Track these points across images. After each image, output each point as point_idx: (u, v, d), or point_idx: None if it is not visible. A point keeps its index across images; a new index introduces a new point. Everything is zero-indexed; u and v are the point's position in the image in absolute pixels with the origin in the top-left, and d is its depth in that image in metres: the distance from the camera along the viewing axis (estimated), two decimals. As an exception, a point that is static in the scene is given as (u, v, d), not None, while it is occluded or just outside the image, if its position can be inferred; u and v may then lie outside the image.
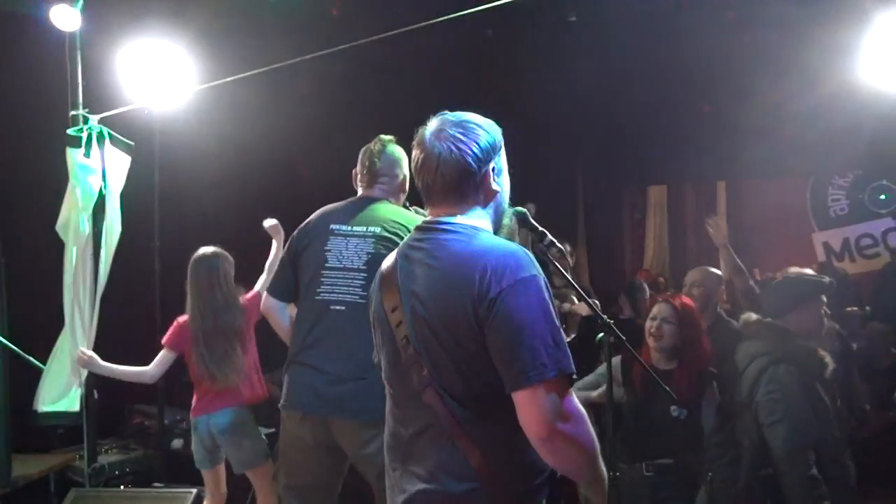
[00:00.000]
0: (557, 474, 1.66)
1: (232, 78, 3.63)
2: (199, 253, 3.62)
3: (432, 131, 1.71)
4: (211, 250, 3.63)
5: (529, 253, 1.63)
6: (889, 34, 3.78)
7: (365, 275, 2.68)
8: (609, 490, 1.71)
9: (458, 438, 1.60)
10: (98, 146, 3.64)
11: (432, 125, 1.72)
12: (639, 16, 5.70)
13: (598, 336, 2.36)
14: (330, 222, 2.82)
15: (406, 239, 1.79)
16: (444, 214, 1.71)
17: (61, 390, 3.62)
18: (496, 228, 1.77)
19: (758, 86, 6.49)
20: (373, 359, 2.49)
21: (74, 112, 3.67)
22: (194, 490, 3.61)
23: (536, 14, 5.94)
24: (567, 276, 2.11)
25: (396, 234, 2.71)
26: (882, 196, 8.81)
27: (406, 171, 2.93)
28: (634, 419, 3.18)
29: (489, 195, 1.72)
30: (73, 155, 3.58)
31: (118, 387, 3.77)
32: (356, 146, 2.96)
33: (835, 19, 4.86)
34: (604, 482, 1.66)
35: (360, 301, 2.66)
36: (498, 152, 1.74)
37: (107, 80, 3.84)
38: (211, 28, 4.62)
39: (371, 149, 2.90)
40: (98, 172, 3.65)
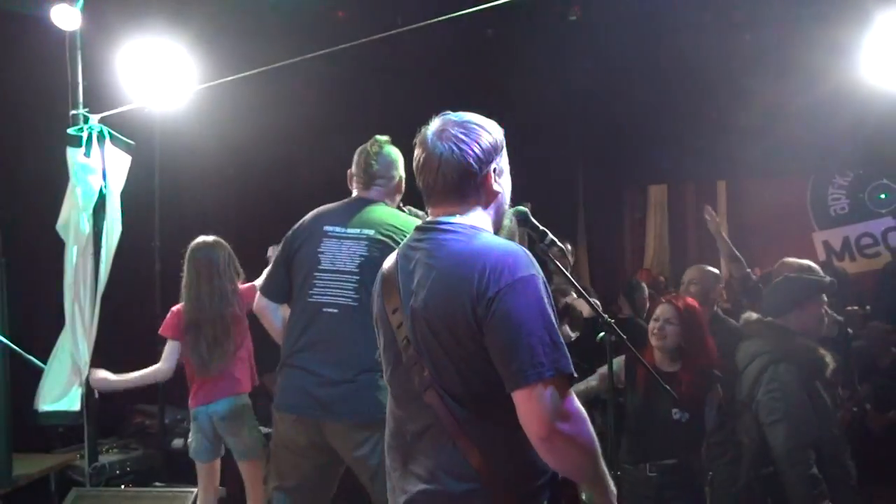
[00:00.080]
0: (559, 476, 1.65)
1: (232, 77, 3.62)
2: (197, 241, 3.64)
3: (434, 131, 1.70)
4: (209, 239, 3.65)
5: (529, 253, 1.63)
6: (889, 34, 3.78)
7: (357, 278, 2.66)
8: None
9: (459, 439, 1.60)
10: (98, 146, 3.63)
11: (434, 125, 1.72)
12: (639, 15, 5.70)
13: (600, 335, 2.36)
14: (324, 224, 2.79)
15: (406, 239, 1.79)
16: (445, 214, 1.71)
17: (62, 390, 3.61)
18: (497, 229, 1.77)
19: (758, 85, 6.49)
20: (376, 358, 2.49)
21: (75, 111, 3.66)
22: (195, 489, 3.60)
23: (537, 14, 5.94)
24: (568, 276, 2.10)
25: (390, 238, 2.69)
26: (882, 195, 8.80)
27: (402, 172, 2.91)
28: (638, 420, 3.18)
29: (490, 196, 1.72)
30: (74, 154, 3.58)
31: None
32: (356, 146, 2.94)
33: (835, 19, 4.87)
34: (606, 482, 1.65)
35: (353, 304, 2.65)
36: (500, 153, 1.74)
37: (107, 80, 3.84)
38: (211, 27, 4.63)
39: (367, 150, 2.87)
40: (98, 172, 3.64)
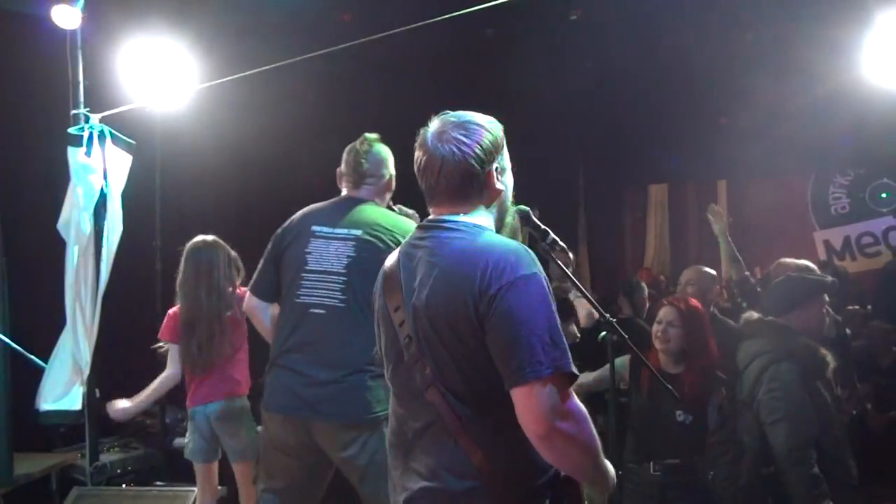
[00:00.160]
0: (562, 475, 1.65)
1: (233, 77, 3.63)
2: (196, 240, 3.64)
3: (434, 132, 1.69)
4: (209, 238, 3.65)
5: (531, 251, 1.63)
6: (890, 33, 3.78)
7: (345, 278, 2.65)
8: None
9: (460, 437, 1.59)
10: (99, 145, 3.63)
11: (434, 126, 1.71)
12: (639, 15, 5.70)
13: (601, 334, 2.36)
14: (312, 223, 2.77)
15: (408, 237, 1.79)
16: (447, 214, 1.70)
17: (63, 389, 3.61)
18: (499, 227, 1.77)
19: (759, 85, 6.50)
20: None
21: (75, 111, 3.66)
22: (196, 489, 3.60)
23: (537, 13, 5.94)
24: (570, 275, 2.10)
25: (378, 238, 2.67)
26: (883, 195, 8.81)
27: (392, 171, 2.89)
28: (642, 421, 3.18)
29: (493, 194, 1.72)
30: (74, 154, 3.57)
31: (120, 385, 3.77)
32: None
33: (835, 19, 4.87)
34: (607, 481, 1.65)
35: (340, 305, 2.64)
36: (501, 151, 1.73)
37: (108, 79, 3.84)
38: (212, 27, 4.63)
39: (357, 148, 2.84)
40: (99, 171, 3.64)
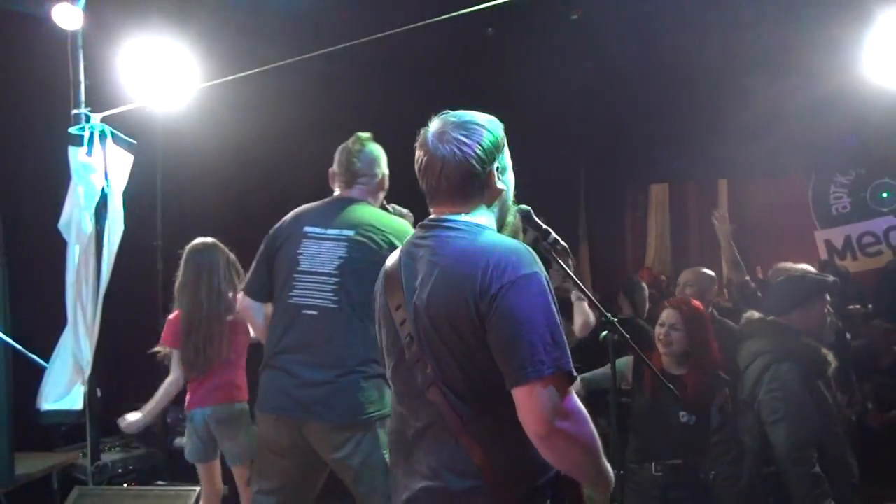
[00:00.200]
0: (561, 474, 1.65)
1: (235, 76, 3.62)
2: (196, 242, 3.65)
3: (434, 133, 1.69)
4: (208, 240, 3.65)
5: (532, 251, 1.63)
6: (891, 32, 3.78)
7: (336, 279, 2.64)
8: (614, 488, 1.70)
9: (462, 436, 1.59)
10: (100, 145, 3.64)
11: (434, 126, 1.70)
12: (640, 15, 5.70)
13: (603, 334, 2.36)
14: (304, 224, 2.76)
15: (410, 236, 1.79)
16: (449, 213, 1.70)
17: (64, 388, 3.61)
18: (500, 226, 1.77)
19: (759, 84, 6.49)
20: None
21: (76, 110, 3.65)
22: (197, 488, 3.60)
23: (537, 13, 5.93)
24: (571, 274, 2.10)
25: (369, 239, 2.66)
26: (884, 194, 8.80)
27: (385, 170, 2.88)
28: (645, 421, 3.19)
29: (494, 194, 1.72)
30: (75, 153, 3.57)
31: (121, 385, 3.77)
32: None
33: (837, 17, 4.86)
34: (607, 481, 1.65)
35: (332, 306, 2.64)
36: (501, 150, 1.73)
37: (109, 79, 3.84)
38: (213, 26, 4.63)
39: (349, 147, 2.83)
40: (100, 171, 3.63)
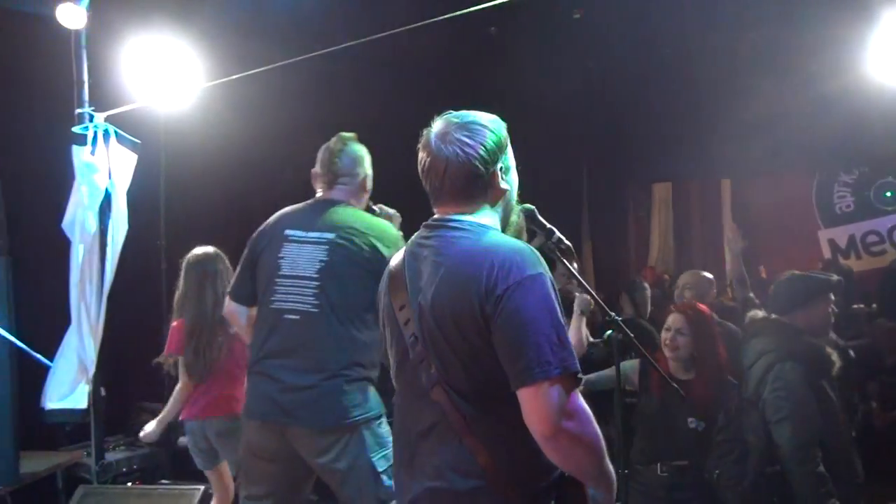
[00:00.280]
0: (566, 475, 1.65)
1: (238, 76, 3.63)
2: (197, 251, 3.64)
3: (437, 134, 1.68)
4: (209, 249, 3.65)
5: (536, 251, 1.63)
6: (894, 31, 3.77)
7: (317, 283, 2.61)
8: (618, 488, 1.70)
9: (466, 436, 1.59)
10: (104, 144, 3.65)
11: (437, 127, 1.70)
12: (640, 14, 5.70)
13: (607, 334, 2.36)
14: (285, 227, 2.72)
15: (414, 237, 1.79)
16: (453, 213, 1.70)
17: (68, 387, 3.63)
18: (504, 226, 1.76)
19: (762, 83, 6.49)
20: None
21: (80, 110, 3.67)
22: (202, 487, 3.61)
23: (539, 13, 5.93)
24: (576, 274, 2.10)
25: (350, 241, 2.63)
26: (888, 193, 8.79)
27: (368, 170, 2.84)
28: (653, 425, 3.18)
29: (498, 194, 1.72)
30: (79, 153, 3.59)
31: (125, 384, 3.78)
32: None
33: (840, 16, 4.86)
34: (611, 482, 1.64)
35: (314, 310, 2.60)
36: (504, 150, 1.73)
37: (112, 78, 3.85)
38: (216, 26, 4.63)
39: (331, 147, 2.79)
40: (104, 170, 3.65)
